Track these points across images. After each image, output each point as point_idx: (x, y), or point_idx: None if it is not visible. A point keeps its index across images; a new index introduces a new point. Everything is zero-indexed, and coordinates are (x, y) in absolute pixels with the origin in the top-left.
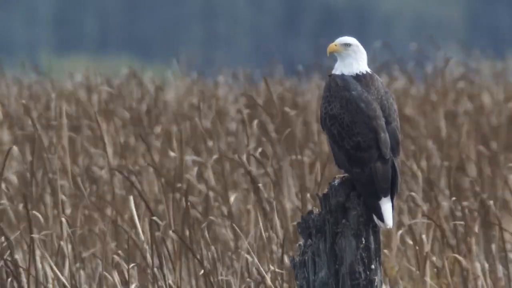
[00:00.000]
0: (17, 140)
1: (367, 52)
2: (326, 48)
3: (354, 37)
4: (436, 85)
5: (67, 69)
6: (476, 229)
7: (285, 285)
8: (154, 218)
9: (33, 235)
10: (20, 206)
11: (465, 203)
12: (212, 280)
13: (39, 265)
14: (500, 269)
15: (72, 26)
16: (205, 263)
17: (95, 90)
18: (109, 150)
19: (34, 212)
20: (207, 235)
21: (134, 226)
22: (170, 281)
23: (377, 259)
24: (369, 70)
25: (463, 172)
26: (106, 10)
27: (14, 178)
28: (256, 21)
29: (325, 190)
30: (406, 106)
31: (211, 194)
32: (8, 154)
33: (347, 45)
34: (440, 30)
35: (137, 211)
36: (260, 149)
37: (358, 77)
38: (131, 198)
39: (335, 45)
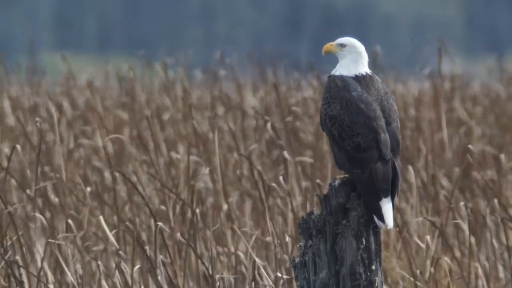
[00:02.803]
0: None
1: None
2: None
3: (355, 37)
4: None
5: (67, 69)
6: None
7: None
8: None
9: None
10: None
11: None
12: (212, 280)
13: (39, 265)
14: (500, 269)
15: (72, 26)
16: (206, 263)
17: (97, 91)
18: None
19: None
20: (210, 236)
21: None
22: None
23: (378, 260)
24: (369, 71)
25: (467, 172)
26: (106, 10)
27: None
28: (257, 22)
29: (326, 191)
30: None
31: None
32: (12, 153)
33: (342, 45)
34: (440, 30)
35: (138, 212)
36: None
37: (358, 78)
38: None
39: (331, 45)
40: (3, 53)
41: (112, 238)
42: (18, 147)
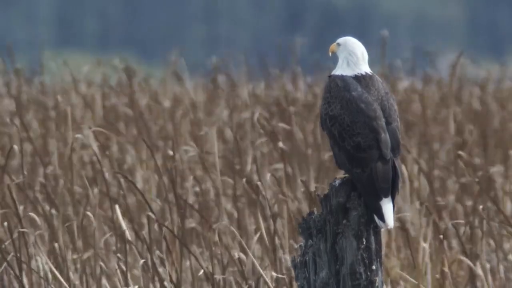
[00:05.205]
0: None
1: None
2: (328, 48)
3: (355, 37)
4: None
5: (67, 68)
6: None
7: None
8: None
9: (25, 231)
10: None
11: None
12: (212, 279)
13: (40, 266)
14: (501, 269)
15: (72, 26)
16: (205, 263)
17: (97, 90)
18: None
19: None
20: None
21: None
22: (171, 280)
23: (378, 259)
24: (369, 71)
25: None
26: (106, 10)
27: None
28: (258, 21)
29: (326, 191)
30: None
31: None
32: (10, 153)
33: (338, 44)
34: (441, 30)
35: (138, 213)
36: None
37: (358, 78)
38: (117, 207)
39: (334, 45)
40: (3, 53)
41: (128, 234)
42: (15, 147)
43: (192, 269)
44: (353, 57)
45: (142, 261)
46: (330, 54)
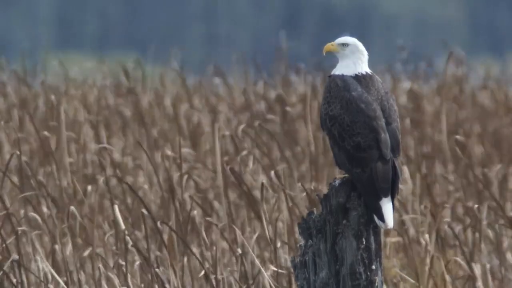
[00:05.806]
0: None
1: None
2: (324, 47)
3: (355, 37)
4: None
5: (67, 68)
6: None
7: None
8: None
9: (22, 231)
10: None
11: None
12: (212, 280)
13: (40, 266)
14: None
15: (72, 26)
16: (205, 263)
17: (98, 90)
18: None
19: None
20: (205, 237)
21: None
22: (171, 281)
23: (378, 259)
24: (369, 71)
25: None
26: (107, 10)
27: (14, 178)
28: (258, 21)
29: (326, 191)
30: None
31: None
32: (11, 159)
33: (345, 45)
34: (441, 30)
35: (137, 213)
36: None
37: (358, 78)
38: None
39: (332, 45)
40: (3, 53)
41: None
42: (18, 153)
43: (191, 269)
44: (365, 57)
45: (138, 262)
46: (324, 53)
